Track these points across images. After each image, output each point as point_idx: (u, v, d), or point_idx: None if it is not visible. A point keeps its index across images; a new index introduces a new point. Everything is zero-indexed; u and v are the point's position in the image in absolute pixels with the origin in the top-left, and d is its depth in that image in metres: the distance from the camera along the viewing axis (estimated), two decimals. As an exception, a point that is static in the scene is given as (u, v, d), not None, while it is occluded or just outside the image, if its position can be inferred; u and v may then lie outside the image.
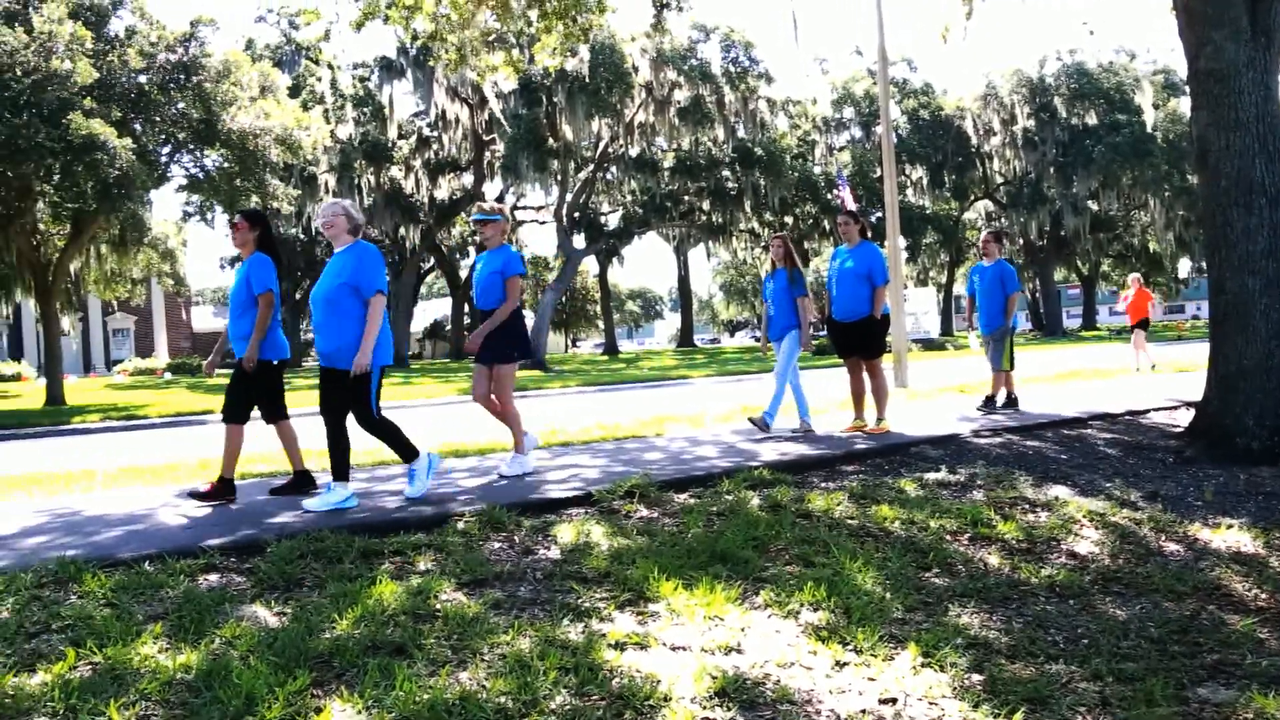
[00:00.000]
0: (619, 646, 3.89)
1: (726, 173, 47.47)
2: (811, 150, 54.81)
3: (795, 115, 52.33)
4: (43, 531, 6.05)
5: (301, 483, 7.14)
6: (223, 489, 6.82)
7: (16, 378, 45.36)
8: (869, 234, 9.71)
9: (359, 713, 3.25)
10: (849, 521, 5.87)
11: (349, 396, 6.46)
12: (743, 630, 4.09)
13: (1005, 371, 11.18)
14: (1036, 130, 54.03)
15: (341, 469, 6.48)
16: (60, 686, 3.47)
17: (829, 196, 49.19)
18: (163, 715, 3.29)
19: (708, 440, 9.53)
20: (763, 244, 56.83)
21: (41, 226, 26.77)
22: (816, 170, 52.94)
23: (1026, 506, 6.38)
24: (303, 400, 12.23)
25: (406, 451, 6.67)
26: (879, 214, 50.44)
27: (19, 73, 20.90)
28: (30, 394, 30.34)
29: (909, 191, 55.28)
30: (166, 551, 5.19)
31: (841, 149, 55.04)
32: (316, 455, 8.01)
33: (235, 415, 6.92)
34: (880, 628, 4.11)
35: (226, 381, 6.98)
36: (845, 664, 3.77)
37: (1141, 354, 18.45)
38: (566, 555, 5.17)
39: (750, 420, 9.87)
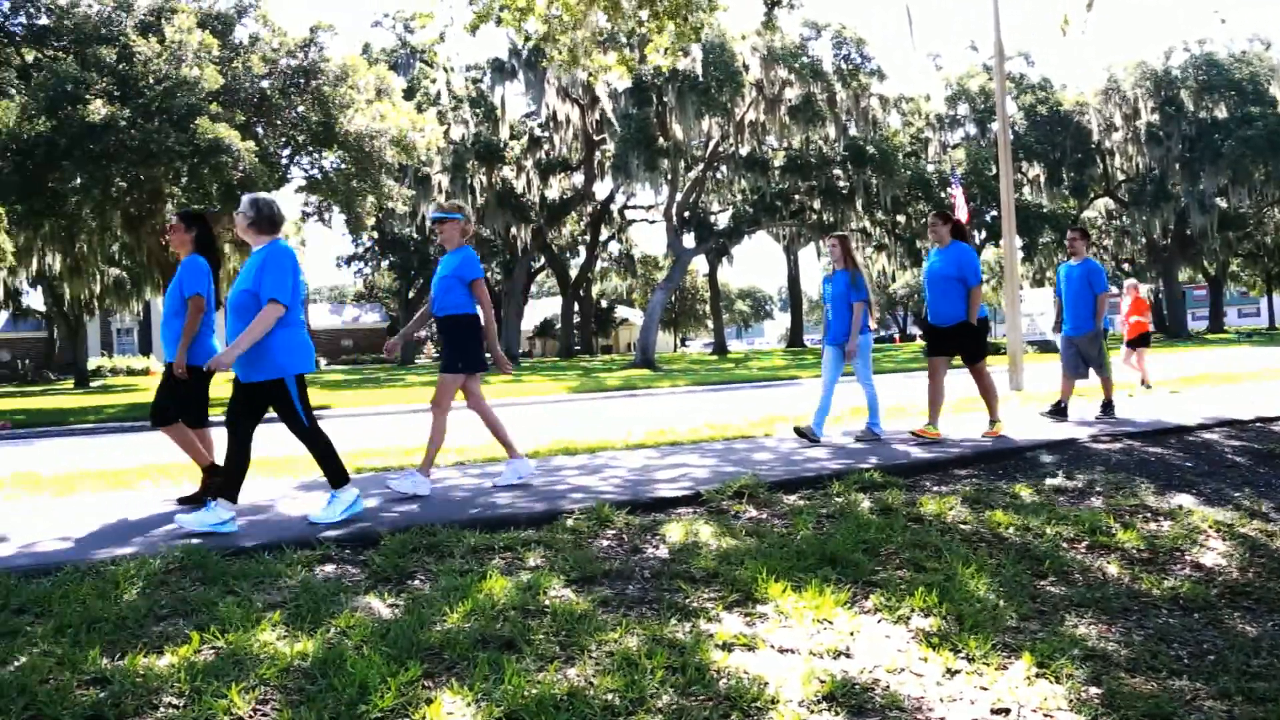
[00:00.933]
0: (726, 647, 3.87)
1: (838, 171, 46.98)
2: (924, 148, 53.92)
3: (908, 112, 51.53)
4: (169, 520, 6.27)
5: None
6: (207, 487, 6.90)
7: (146, 372, 47.23)
8: (962, 234, 9.32)
9: (469, 705, 3.30)
10: (962, 526, 5.75)
11: (252, 409, 6.13)
12: (852, 634, 4.04)
13: (1108, 375, 10.74)
14: (1161, 125, 52.20)
15: (231, 489, 5.93)
16: (185, 669, 3.59)
17: (942, 195, 48.34)
18: (281, 700, 3.38)
19: (823, 443, 9.44)
20: (874, 243, 56.15)
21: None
22: (929, 168, 52.05)
23: (1148, 515, 6.17)
24: (351, 401, 12.43)
25: (336, 475, 6.04)
26: (994, 213, 49.42)
27: (151, 80, 21.75)
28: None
29: (1025, 190, 53.95)
30: (285, 542, 5.34)
31: (955, 147, 54.00)
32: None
33: (195, 420, 7.00)
34: (993, 636, 4.02)
35: (344, 377, 7.07)
36: (957, 672, 3.70)
37: (1137, 371, 15.49)
38: (675, 554, 5.17)
39: (856, 437, 9.38)
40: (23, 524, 6.35)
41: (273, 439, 7.87)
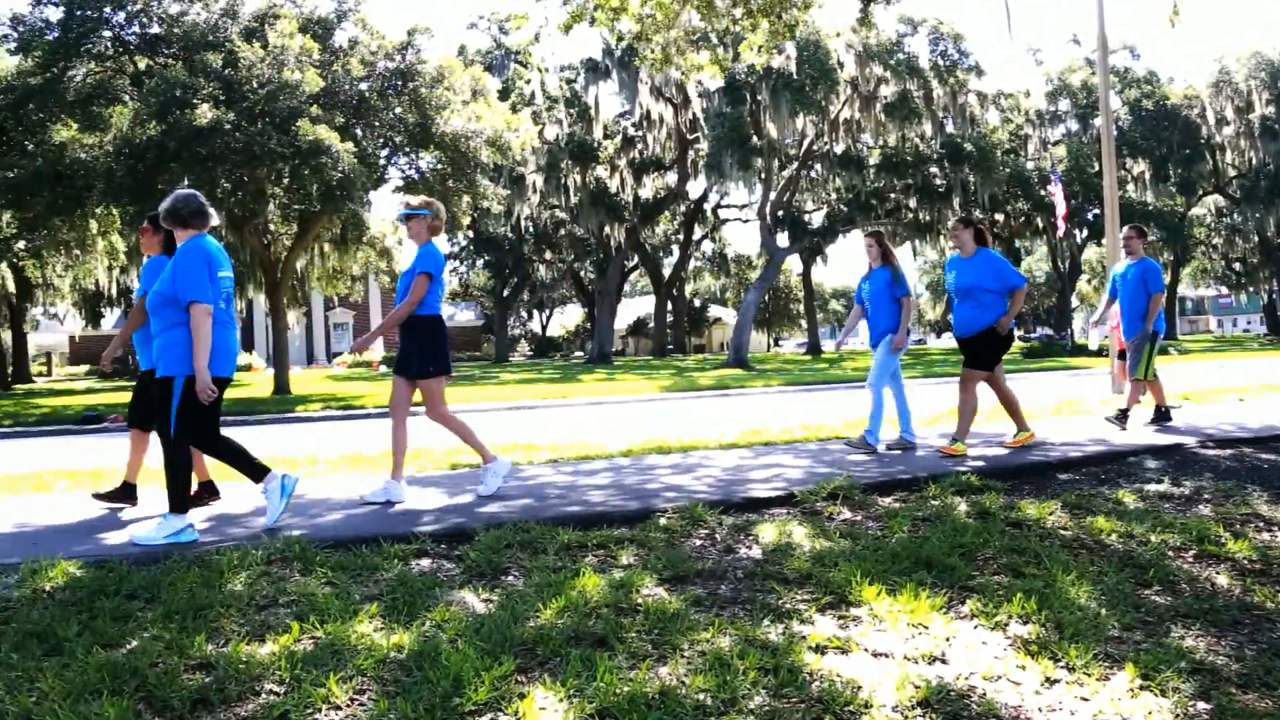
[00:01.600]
0: (819, 649, 3.84)
1: (934, 169, 46.26)
2: (1024, 145, 52.81)
3: (1007, 109, 50.51)
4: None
5: (127, 495, 6.83)
6: (202, 491, 6.84)
7: (247, 368, 48.45)
8: (985, 239, 8.63)
9: (561, 701, 3.32)
10: (1062, 532, 5.62)
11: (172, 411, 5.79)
12: (947, 640, 3.97)
13: (1140, 381, 10.09)
14: (1277, 117, 50.36)
15: (179, 499, 5.69)
16: (286, 657, 3.68)
17: (1042, 193, 47.31)
18: (377, 691, 3.44)
19: (916, 442, 9.31)
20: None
21: (272, 227, 28.53)
22: (1029, 166, 50.93)
23: (1261, 524, 5.95)
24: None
25: (178, 500, 5.67)
26: (1096, 211, 48.24)
27: (255, 85, 22.33)
28: (259, 383, 32.30)
29: (1130, 187, 52.49)
30: (382, 535, 5.43)
31: (1056, 143, 52.77)
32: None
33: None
34: (1094, 645, 3.91)
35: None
36: (1056, 681, 3.61)
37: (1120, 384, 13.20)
38: (768, 555, 5.14)
39: (848, 444, 8.91)
40: (136, 513, 6.55)
41: (368, 435, 8.01)
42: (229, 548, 5.22)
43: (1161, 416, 10.17)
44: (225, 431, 6.34)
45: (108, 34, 25.09)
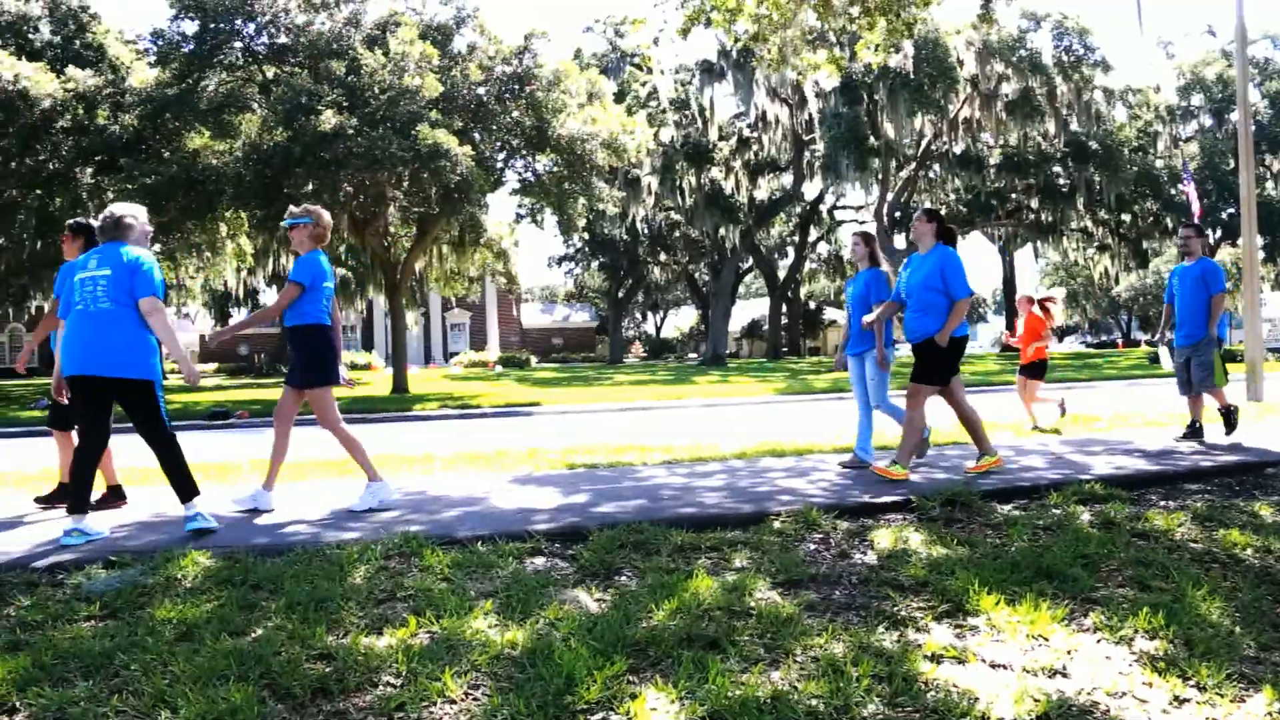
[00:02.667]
0: (935, 659, 3.77)
1: (1057, 168, 45.09)
2: (1153, 142, 51.02)
3: (1135, 105, 48.89)
4: (393, 507, 6.59)
5: (63, 495, 6.61)
6: (109, 495, 7.01)
7: (367, 367, 49.65)
8: (950, 237, 7.84)
9: (673, 702, 3.31)
10: (1192, 545, 5.42)
11: (104, 405, 5.97)
12: (1069, 653, 3.85)
13: (1219, 389, 9.35)
14: None
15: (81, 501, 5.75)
16: (403, 651, 3.75)
17: (1172, 192, 45.74)
18: (491, 687, 3.48)
19: (1034, 449, 9.10)
20: (1096, 244, 53.64)
21: (392, 229, 29.16)
22: (1159, 164, 49.22)
23: None
24: (560, 399, 12.65)
25: (79, 501, 5.72)
26: (1231, 210, 46.42)
27: (377, 90, 22.88)
28: (379, 382, 33.05)
29: (1269, 185, 50.36)
30: (498, 534, 5.51)
31: (1188, 140, 50.89)
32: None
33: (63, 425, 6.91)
34: (1228, 664, 3.75)
35: (554, 375, 7.13)
36: (1185, 700, 3.47)
37: (1037, 406, 12.27)
38: (883, 561, 5.07)
39: (843, 465, 8.22)
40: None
41: (484, 434, 8.12)
42: (350, 542, 5.36)
43: (1195, 433, 9.48)
44: (350, 428, 6.52)
45: (238, 45, 25.99)
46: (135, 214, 6.12)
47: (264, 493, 6.79)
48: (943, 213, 8.18)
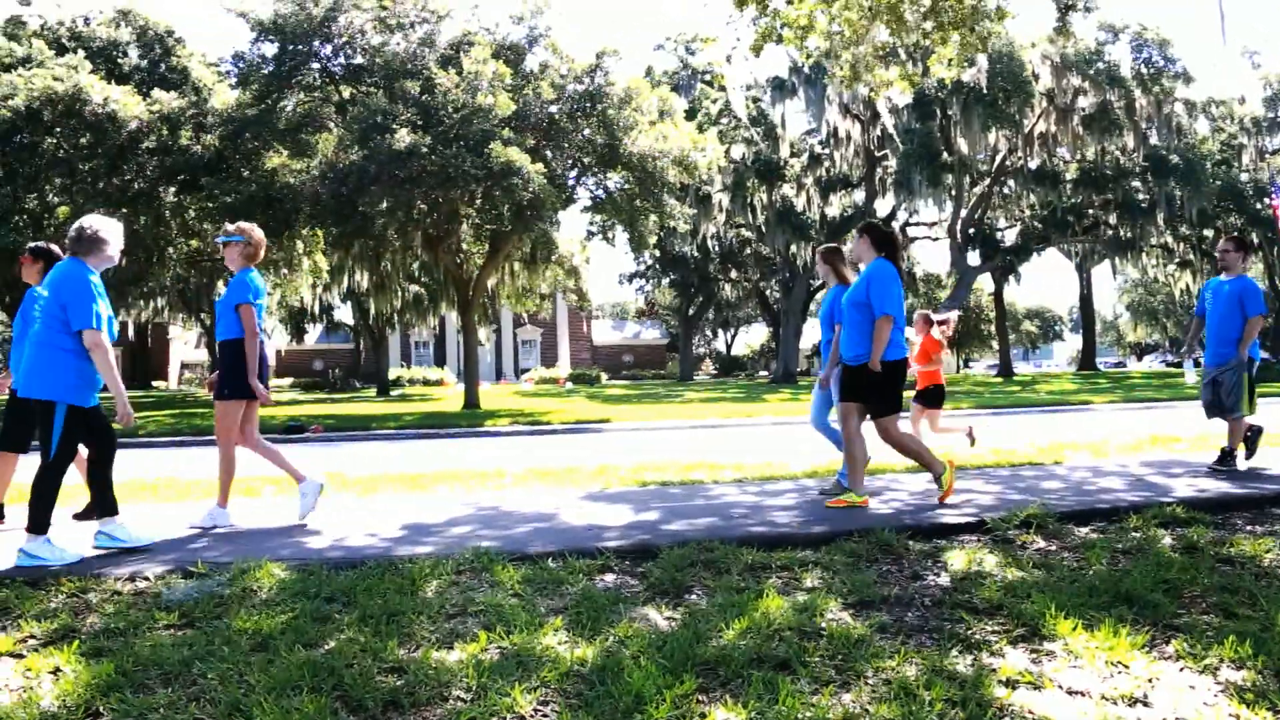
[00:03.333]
0: (1010, 684, 3.69)
1: (1136, 183, 44.23)
2: (1237, 155, 49.84)
3: (1218, 117, 47.84)
4: (464, 523, 6.64)
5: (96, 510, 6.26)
6: None
7: (439, 383, 50.20)
8: (892, 249, 7.31)
9: (743, 724, 3.29)
10: (1280, 569, 5.26)
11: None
12: (1150, 681, 3.75)
13: (1243, 418, 8.71)
14: None
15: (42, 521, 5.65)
16: (473, 665, 3.77)
17: (1258, 206, 44.64)
18: (560, 704, 3.48)
19: (1112, 471, 8.90)
20: (1177, 260, 52.50)
21: (464, 246, 29.49)
22: (1243, 178, 48.06)
23: None
24: (631, 415, 12.59)
25: (38, 523, 5.61)
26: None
27: (450, 109, 23.19)
28: (450, 398, 33.38)
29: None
30: (568, 550, 5.53)
31: (1275, 153, 49.65)
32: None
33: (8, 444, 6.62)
34: (1319, 693, 3.63)
35: (624, 392, 7.13)
36: (1275, 730, 3.37)
37: (944, 436, 11.65)
38: (957, 583, 4.99)
39: (823, 493, 7.80)
40: (335, 520, 6.85)
41: (554, 450, 8.15)
42: (422, 557, 5.40)
43: (1226, 459, 8.79)
44: (425, 444, 6.57)
45: (316, 66, 26.53)
46: (98, 226, 6.02)
47: (220, 510, 6.86)
48: (887, 225, 7.63)
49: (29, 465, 5.99)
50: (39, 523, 5.59)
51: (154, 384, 60.66)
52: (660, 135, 25.84)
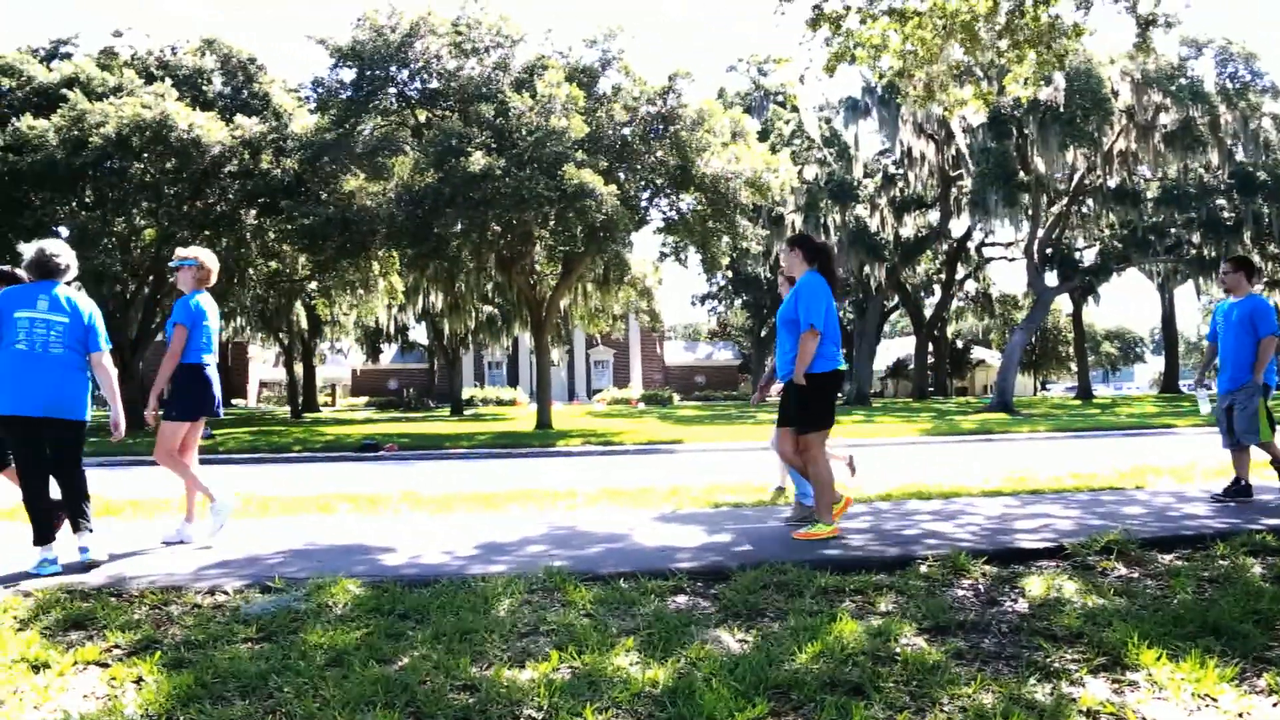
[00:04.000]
0: (1091, 715, 3.61)
1: (1221, 201, 43.20)
2: (1329, 172, 48.45)
3: (1309, 132, 46.52)
4: (536, 542, 6.66)
5: None
6: None
7: (512, 403, 50.59)
8: (825, 261, 7.10)
9: (816, 750, 3.25)
10: (1376, 599, 5.08)
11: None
12: (1240, 716, 3.64)
13: (1268, 443, 8.30)
14: None
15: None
16: (544, 685, 3.78)
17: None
18: (632, 727, 3.48)
19: (1197, 496, 8.67)
20: (1265, 280, 51.15)
21: (537, 267, 29.74)
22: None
23: None
24: (703, 436, 12.48)
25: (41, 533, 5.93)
26: None
27: (524, 132, 23.43)
28: (523, 418, 33.57)
29: None
30: (640, 571, 5.52)
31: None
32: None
33: None
34: None
35: (696, 413, 7.11)
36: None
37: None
38: (1035, 609, 4.89)
39: (789, 521, 7.54)
40: (409, 538, 6.92)
41: (626, 470, 8.14)
42: (495, 575, 5.43)
43: (1240, 491, 8.33)
44: (497, 463, 6.62)
45: (392, 91, 26.96)
46: (62, 252, 6.25)
47: (188, 524, 6.98)
48: (823, 242, 7.11)
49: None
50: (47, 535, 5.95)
51: (233, 401, 61.86)
52: (733, 156, 25.84)
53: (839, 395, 6.91)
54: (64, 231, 26.18)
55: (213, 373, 6.93)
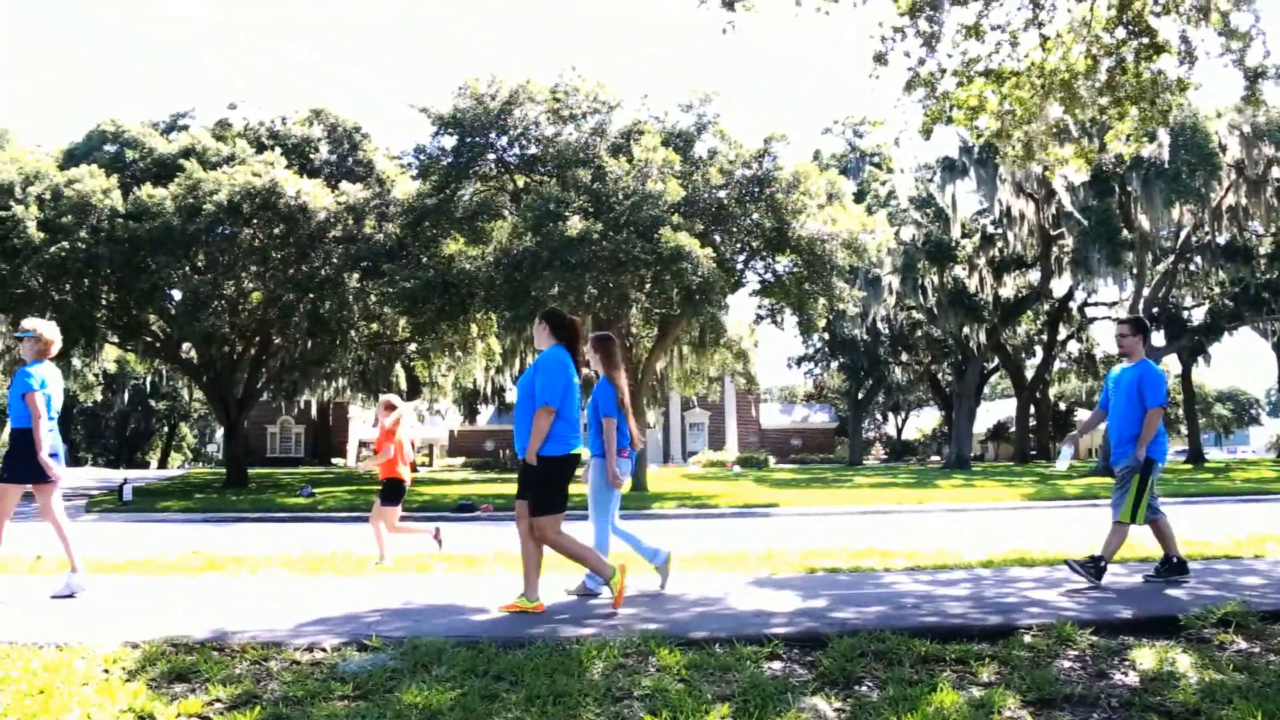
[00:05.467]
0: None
1: (1342, 255, 41.70)
2: None
3: None
4: (630, 604, 6.62)
5: None
6: None
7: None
8: (571, 336, 6.82)
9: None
10: None
11: None
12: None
13: (1125, 524, 7.59)
14: None
15: None
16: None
17: None
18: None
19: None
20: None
21: (633, 330, 29.90)
22: None
23: None
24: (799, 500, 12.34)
25: None
26: None
27: (620, 196, 23.72)
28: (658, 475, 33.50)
29: None
30: (735, 636, 5.44)
31: None
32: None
33: None
34: None
35: (792, 476, 7.04)
36: None
37: (400, 535, 10.43)
38: (1147, 684, 4.70)
39: (569, 591, 7.31)
40: (505, 597, 6.90)
41: (722, 534, 8.06)
42: (588, 638, 5.39)
43: (1174, 569, 7.58)
44: (587, 525, 6.63)
45: (492, 157, 27.58)
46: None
47: (73, 575, 7.32)
48: (576, 318, 6.93)
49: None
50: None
51: (334, 461, 63.00)
52: (829, 218, 25.80)
53: (573, 478, 6.64)
54: (176, 295, 27.21)
55: (48, 438, 7.30)
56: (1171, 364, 60.01)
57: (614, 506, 7.49)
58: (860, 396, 61.37)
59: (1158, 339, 43.79)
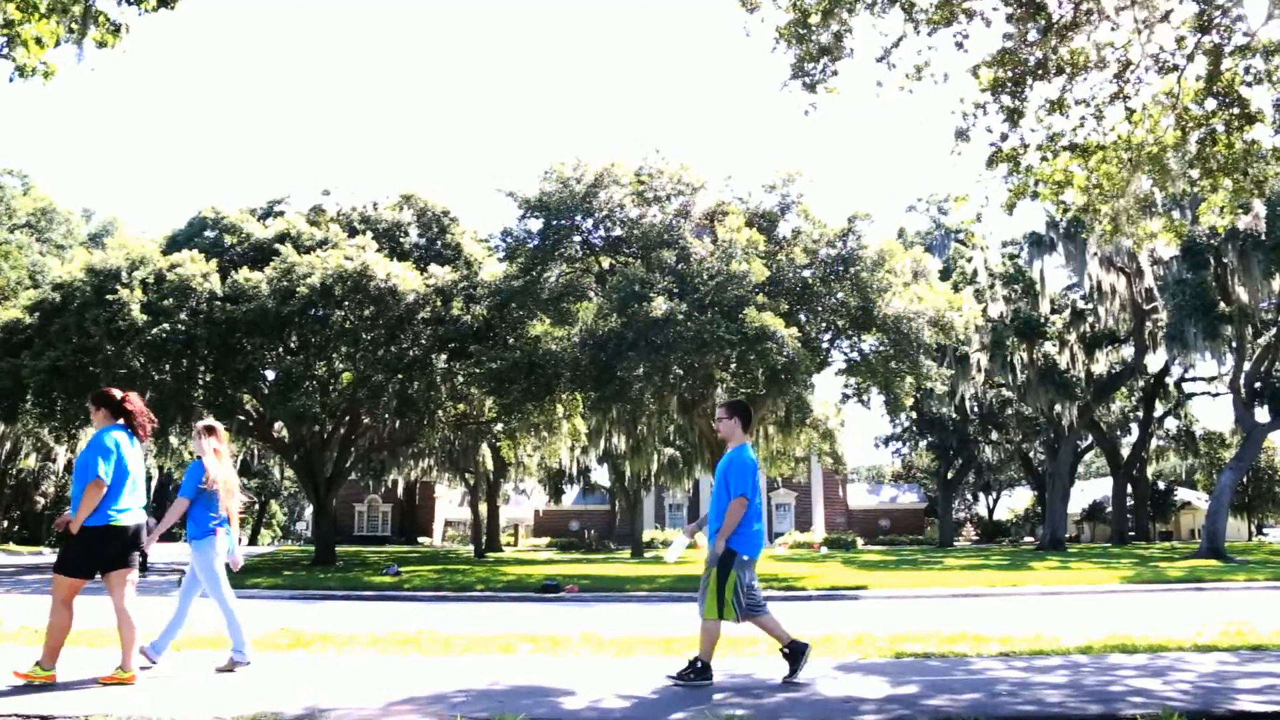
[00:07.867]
0: None
1: None
2: None
3: None
4: (718, 690, 6.50)
5: None
6: None
7: (693, 545, 49.98)
8: (127, 412, 7.03)
9: None
10: None
11: None
12: None
13: (712, 623, 7.02)
14: None
15: None
16: None
17: None
18: None
19: None
20: None
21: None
22: None
23: None
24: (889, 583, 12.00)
25: None
26: None
27: (705, 277, 23.88)
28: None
29: None
30: (822, 724, 5.31)
31: None
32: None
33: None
34: None
35: (880, 558, 6.91)
36: None
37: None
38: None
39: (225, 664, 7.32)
40: (589, 680, 6.85)
41: (810, 616, 7.92)
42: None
43: (699, 672, 6.90)
44: (677, 607, 6.55)
45: (577, 239, 28.01)
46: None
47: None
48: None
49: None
50: None
51: (420, 540, 63.46)
52: (914, 296, 25.64)
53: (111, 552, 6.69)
54: (270, 375, 27.89)
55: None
56: (1277, 440, 58.09)
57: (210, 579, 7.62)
58: (950, 476, 60.34)
59: (1261, 414, 42.35)
